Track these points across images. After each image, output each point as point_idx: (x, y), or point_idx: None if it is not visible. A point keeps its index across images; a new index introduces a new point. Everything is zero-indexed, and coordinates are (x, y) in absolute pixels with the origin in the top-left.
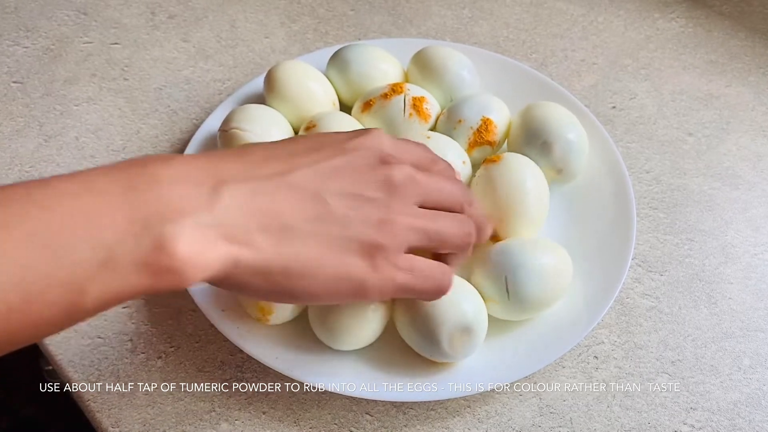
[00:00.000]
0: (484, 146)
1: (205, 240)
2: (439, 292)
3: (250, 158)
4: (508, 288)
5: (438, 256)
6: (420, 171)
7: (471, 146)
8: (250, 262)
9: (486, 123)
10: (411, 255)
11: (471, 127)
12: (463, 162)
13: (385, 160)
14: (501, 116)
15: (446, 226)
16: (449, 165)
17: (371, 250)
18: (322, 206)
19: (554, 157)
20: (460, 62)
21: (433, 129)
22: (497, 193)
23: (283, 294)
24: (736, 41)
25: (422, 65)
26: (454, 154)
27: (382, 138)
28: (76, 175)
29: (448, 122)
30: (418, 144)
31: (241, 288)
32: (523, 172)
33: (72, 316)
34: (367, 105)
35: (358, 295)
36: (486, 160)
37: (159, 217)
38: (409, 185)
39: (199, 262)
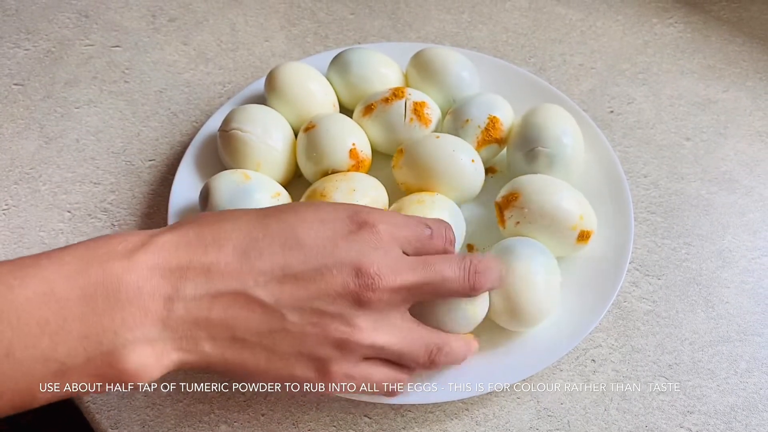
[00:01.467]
0: (492, 144)
1: (154, 354)
2: (389, 396)
3: (218, 257)
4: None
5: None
6: (407, 278)
7: (479, 144)
8: (194, 362)
9: (493, 121)
10: (367, 363)
11: (478, 126)
12: (473, 160)
13: (367, 274)
14: (506, 114)
15: (406, 347)
16: (447, 235)
17: (323, 364)
18: (278, 321)
19: (546, 162)
20: (460, 63)
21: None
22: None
23: (231, 379)
24: (734, 46)
25: (422, 67)
26: (465, 153)
27: (369, 254)
28: (38, 273)
29: (454, 122)
30: (406, 223)
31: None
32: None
33: (18, 410)
34: (369, 109)
35: (307, 394)
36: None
37: (112, 335)
38: (381, 299)
39: (147, 371)
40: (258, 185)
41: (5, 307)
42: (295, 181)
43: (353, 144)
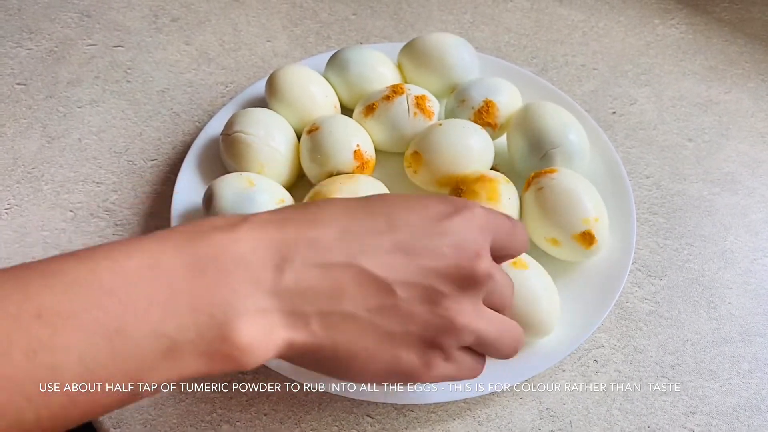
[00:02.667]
0: (485, 128)
1: (265, 328)
2: (471, 380)
3: (324, 232)
4: None
5: None
6: (496, 266)
7: None
8: (303, 344)
9: (488, 104)
10: (461, 352)
11: (472, 108)
12: (481, 129)
13: (477, 254)
14: (508, 100)
15: (499, 336)
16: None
17: (429, 349)
18: (389, 297)
19: (561, 161)
20: (458, 45)
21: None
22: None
23: (326, 374)
24: (736, 48)
25: (417, 56)
26: (473, 131)
27: (473, 224)
28: (142, 247)
29: (453, 102)
30: (504, 219)
31: (290, 361)
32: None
33: (129, 400)
34: (370, 109)
35: (404, 384)
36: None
37: (223, 307)
38: (485, 283)
39: (259, 350)
40: (262, 191)
41: (113, 281)
42: (298, 183)
43: (357, 145)
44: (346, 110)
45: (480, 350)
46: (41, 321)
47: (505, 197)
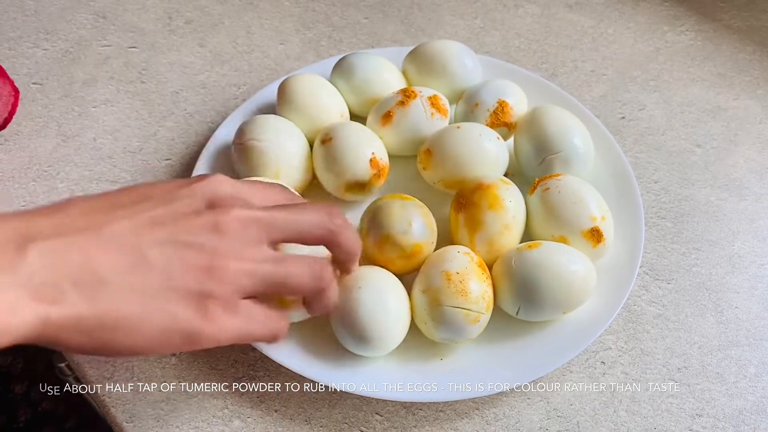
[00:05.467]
0: (501, 128)
1: (12, 300)
2: (274, 339)
3: (67, 212)
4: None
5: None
6: (265, 209)
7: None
8: (61, 318)
9: (502, 105)
10: (247, 301)
11: (488, 110)
12: (498, 137)
13: (214, 204)
14: (517, 100)
15: (292, 271)
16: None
17: (199, 299)
18: (139, 258)
19: (562, 167)
20: (460, 52)
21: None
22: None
23: (105, 350)
24: (745, 55)
25: (422, 62)
26: (489, 135)
27: (217, 183)
28: None
29: (465, 107)
30: (271, 184)
31: (62, 346)
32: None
33: None
34: (387, 117)
35: (189, 345)
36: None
37: None
38: (246, 226)
39: (9, 322)
40: None
41: None
42: (310, 186)
43: (373, 153)
44: (353, 115)
45: (276, 293)
46: None
47: (507, 200)
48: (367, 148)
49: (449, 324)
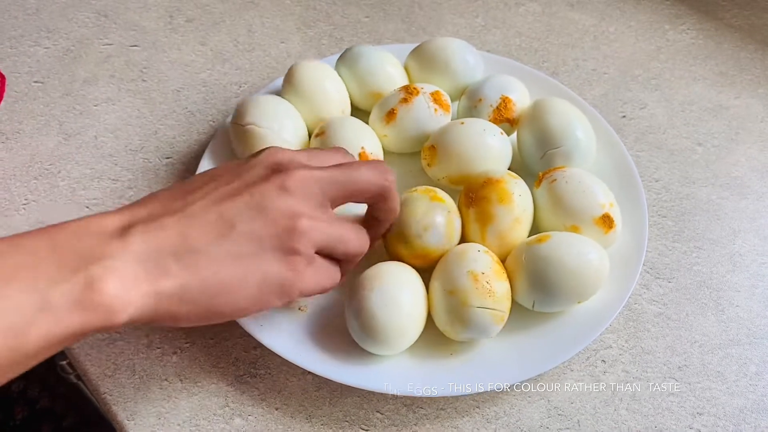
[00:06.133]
0: (504, 124)
1: (127, 277)
2: (331, 288)
3: (153, 202)
4: (536, 295)
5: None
6: (324, 169)
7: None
8: (170, 289)
9: (505, 101)
10: (318, 256)
11: (491, 105)
12: (501, 132)
13: (277, 170)
14: (520, 96)
15: (346, 233)
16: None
17: (286, 254)
18: (226, 227)
19: (563, 161)
20: (462, 49)
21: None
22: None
23: (212, 314)
24: (746, 53)
25: (425, 59)
26: (493, 131)
27: (276, 151)
28: (4, 239)
29: (468, 102)
30: (334, 149)
31: (173, 318)
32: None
33: (15, 360)
34: (391, 115)
35: (284, 297)
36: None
37: (84, 262)
38: (309, 184)
39: (127, 297)
40: None
41: None
42: None
43: (362, 148)
44: (356, 107)
45: (330, 253)
46: None
47: (516, 194)
48: (357, 141)
49: (476, 325)
